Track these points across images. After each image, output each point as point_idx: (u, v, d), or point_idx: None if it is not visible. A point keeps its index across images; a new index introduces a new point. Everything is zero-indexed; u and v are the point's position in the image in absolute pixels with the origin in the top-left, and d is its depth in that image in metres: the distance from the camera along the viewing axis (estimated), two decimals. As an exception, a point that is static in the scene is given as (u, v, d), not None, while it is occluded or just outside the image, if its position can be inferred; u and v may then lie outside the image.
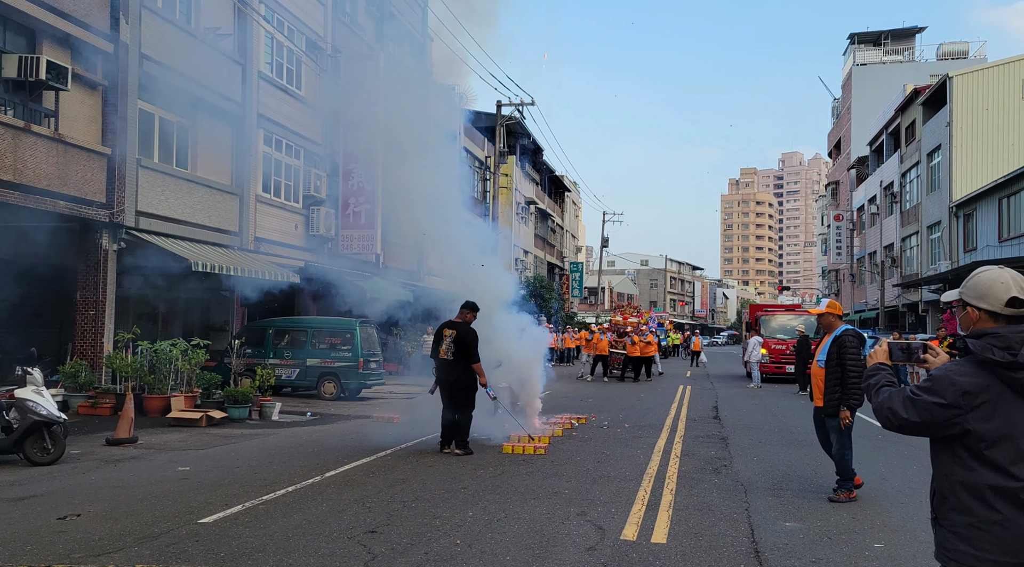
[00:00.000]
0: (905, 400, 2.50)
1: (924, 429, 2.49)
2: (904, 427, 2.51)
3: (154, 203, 14.62)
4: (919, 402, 2.46)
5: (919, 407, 2.46)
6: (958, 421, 2.41)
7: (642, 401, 17.29)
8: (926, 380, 2.51)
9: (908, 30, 54.64)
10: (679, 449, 10.10)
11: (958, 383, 2.41)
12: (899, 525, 6.37)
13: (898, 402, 2.51)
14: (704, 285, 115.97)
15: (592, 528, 6.07)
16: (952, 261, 30.35)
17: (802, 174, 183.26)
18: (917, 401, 2.46)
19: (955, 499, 2.45)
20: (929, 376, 2.52)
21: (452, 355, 9.49)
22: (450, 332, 9.59)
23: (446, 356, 9.51)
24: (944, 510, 2.50)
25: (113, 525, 5.92)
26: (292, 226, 19.47)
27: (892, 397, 2.55)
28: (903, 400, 2.50)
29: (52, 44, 12.55)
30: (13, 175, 11.68)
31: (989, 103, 31.53)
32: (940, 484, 2.53)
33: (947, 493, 2.49)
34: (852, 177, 50.79)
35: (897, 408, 2.51)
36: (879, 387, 2.65)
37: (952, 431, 2.44)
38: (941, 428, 2.45)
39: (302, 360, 16.49)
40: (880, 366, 2.74)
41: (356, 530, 5.87)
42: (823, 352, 7.29)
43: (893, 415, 2.52)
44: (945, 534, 2.49)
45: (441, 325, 9.86)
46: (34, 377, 8.74)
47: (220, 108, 16.66)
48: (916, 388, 2.49)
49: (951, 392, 2.41)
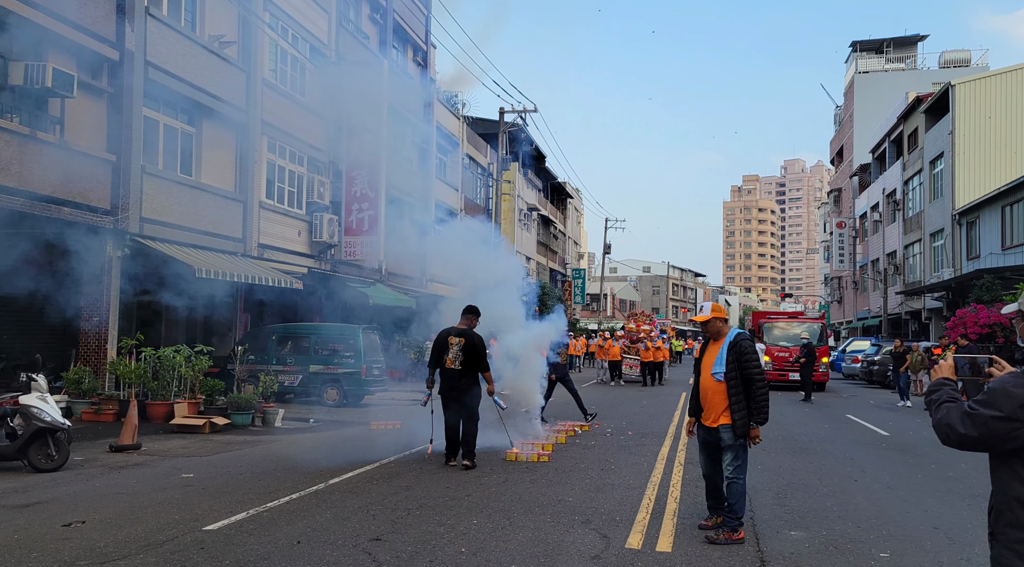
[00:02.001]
0: (963, 415, 2.46)
1: (983, 444, 2.45)
2: (963, 443, 2.47)
3: (158, 210, 14.65)
4: (976, 416, 2.42)
5: (977, 422, 2.42)
6: (1017, 434, 2.38)
7: (644, 408, 17.27)
8: (984, 393, 2.48)
9: (910, 38, 54.76)
10: (683, 457, 10.08)
11: (1015, 395, 2.38)
12: (905, 535, 6.36)
13: (956, 417, 2.48)
14: (706, 292, 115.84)
15: (597, 536, 6.06)
16: (955, 269, 30.33)
17: (804, 181, 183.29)
18: (975, 415, 2.43)
19: (1011, 514, 2.43)
20: (987, 389, 2.49)
21: (460, 364, 9.08)
22: (457, 340, 9.15)
23: (453, 365, 9.09)
24: (1000, 525, 2.48)
25: (118, 532, 5.92)
26: (295, 233, 19.50)
27: (951, 413, 2.51)
28: (961, 415, 2.47)
29: (58, 52, 12.61)
30: (19, 182, 11.72)
31: (992, 111, 31.56)
32: (997, 499, 2.51)
33: (1003, 508, 2.47)
34: (854, 184, 50.81)
35: (955, 424, 2.47)
36: (940, 403, 2.59)
37: (1011, 445, 2.40)
38: (1000, 442, 2.42)
39: (305, 366, 16.49)
40: (944, 381, 2.67)
41: (361, 538, 5.86)
42: (719, 363, 6.08)
43: (952, 431, 2.48)
44: (1000, 549, 2.48)
45: (444, 333, 9.35)
46: (39, 383, 8.75)
47: (224, 115, 16.71)
48: (974, 402, 2.46)
49: (1008, 404, 2.37)
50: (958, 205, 30.79)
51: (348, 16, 22.79)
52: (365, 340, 16.76)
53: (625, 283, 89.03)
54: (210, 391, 13.47)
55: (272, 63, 19.02)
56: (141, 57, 14.12)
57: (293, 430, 12.61)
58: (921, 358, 20.14)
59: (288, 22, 19.27)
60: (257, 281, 15.79)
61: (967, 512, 7.21)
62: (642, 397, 20.50)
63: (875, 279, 43.34)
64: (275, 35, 18.77)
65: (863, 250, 48.05)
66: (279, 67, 19.34)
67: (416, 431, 10.96)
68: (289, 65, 19.74)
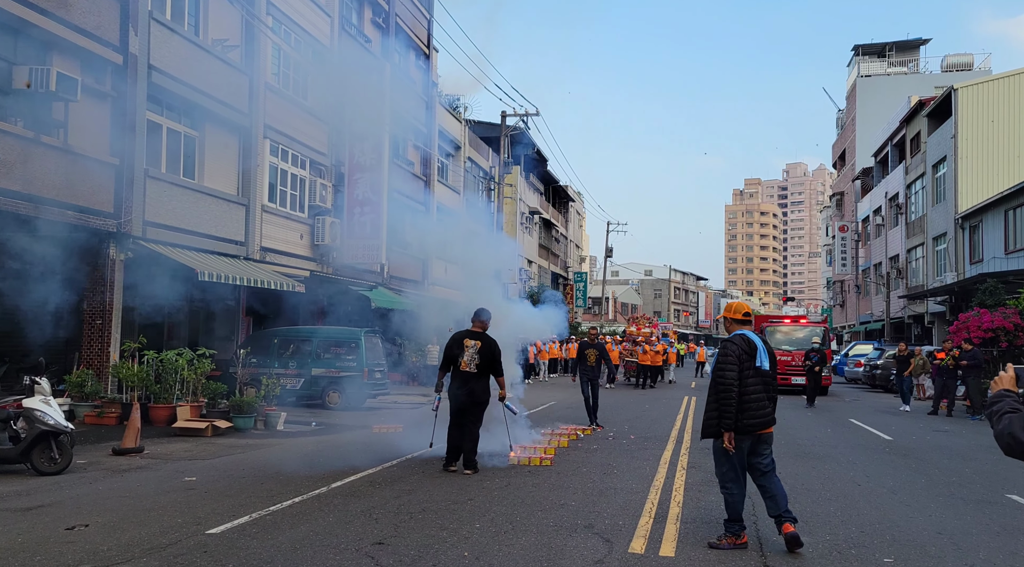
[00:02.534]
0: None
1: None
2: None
3: (161, 213, 14.68)
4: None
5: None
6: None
7: (647, 412, 17.25)
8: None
9: (912, 42, 54.76)
10: (685, 461, 10.07)
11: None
12: (908, 540, 6.34)
13: (1019, 428, 2.46)
14: (708, 295, 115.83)
15: (600, 541, 6.06)
16: (958, 273, 30.30)
17: (806, 185, 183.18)
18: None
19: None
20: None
21: (476, 367, 8.95)
22: (473, 342, 9.03)
23: (468, 368, 8.95)
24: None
25: (121, 535, 5.93)
26: (298, 236, 19.53)
27: (1013, 423, 2.49)
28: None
29: (62, 56, 12.65)
30: (22, 185, 11.75)
31: (994, 115, 31.56)
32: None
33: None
34: (857, 188, 50.78)
35: (1018, 433, 2.46)
36: (1002, 414, 2.58)
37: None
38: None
39: (307, 370, 16.50)
40: (1005, 393, 2.65)
41: (363, 541, 5.86)
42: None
43: (1015, 441, 2.47)
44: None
45: (459, 335, 9.22)
46: (42, 386, 8.76)
47: (227, 118, 16.75)
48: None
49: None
50: (961, 209, 30.77)
51: (351, 20, 22.84)
52: (367, 343, 16.77)
53: (627, 286, 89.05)
54: (212, 394, 13.47)
55: (275, 67, 19.07)
56: (145, 61, 14.16)
57: (295, 433, 12.61)
58: (923, 362, 20.09)
59: (291, 26, 19.32)
60: (259, 284, 15.81)
61: (971, 517, 7.20)
62: (644, 400, 20.49)
63: (878, 283, 43.30)
64: (278, 39, 18.81)
65: (866, 254, 48.01)
66: (282, 71, 19.38)
67: (418, 435, 10.95)
68: (292, 69, 19.79)
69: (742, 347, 6.02)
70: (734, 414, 5.88)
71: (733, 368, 5.94)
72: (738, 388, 5.91)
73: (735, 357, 5.97)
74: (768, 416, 6.01)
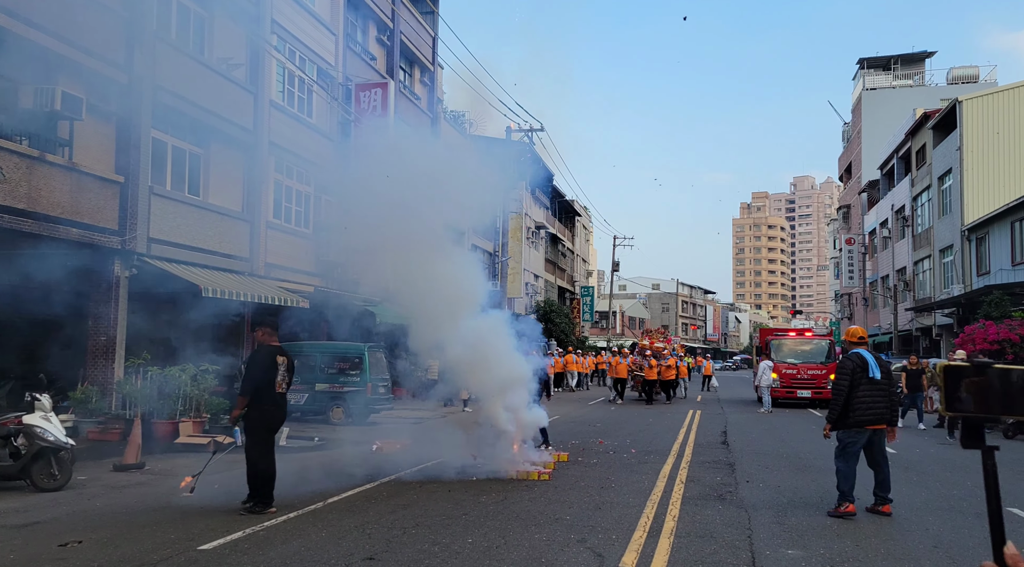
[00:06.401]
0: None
1: None
2: None
3: (166, 230, 14.81)
4: None
5: None
6: None
7: (650, 426, 17.19)
8: None
9: (918, 55, 54.77)
10: (684, 475, 10.03)
11: None
12: (903, 553, 6.30)
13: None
14: (716, 309, 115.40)
15: (591, 555, 6.04)
16: (965, 285, 30.14)
17: (814, 198, 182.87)
18: None
19: None
20: None
21: (286, 387, 7.97)
22: (283, 359, 7.92)
23: (281, 389, 7.87)
24: None
25: (113, 552, 5.96)
26: (303, 252, 19.63)
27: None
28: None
29: (68, 75, 12.82)
30: (27, 203, 11.89)
31: (1000, 127, 31.49)
32: None
33: None
34: (863, 201, 50.66)
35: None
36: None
37: None
38: None
39: (311, 385, 16.54)
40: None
41: (354, 557, 5.87)
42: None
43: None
44: None
45: (269, 351, 7.91)
46: (42, 403, 8.83)
47: (232, 136, 16.91)
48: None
49: None
50: (967, 221, 30.65)
51: (355, 38, 23.07)
52: (371, 358, 16.82)
53: (634, 301, 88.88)
54: (215, 410, 13.52)
55: (280, 85, 19.26)
56: (150, 80, 14.33)
57: (297, 449, 12.63)
58: (931, 375, 19.66)
59: (296, 44, 19.52)
60: (264, 300, 15.89)
61: (969, 531, 7.14)
62: (648, 414, 20.41)
63: (885, 295, 43.09)
64: (282, 57, 19.01)
65: (873, 266, 47.80)
66: (286, 89, 19.57)
67: (420, 449, 10.97)
68: (296, 86, 19.98)
69: (856, 362, 7.70)
70: (837, 413, 7.70)
71: (846, 379, 7.68)
72: (849, 393, 7.64)
73: (849, 371, 7.70)
74: (878, 415, 7.62)
